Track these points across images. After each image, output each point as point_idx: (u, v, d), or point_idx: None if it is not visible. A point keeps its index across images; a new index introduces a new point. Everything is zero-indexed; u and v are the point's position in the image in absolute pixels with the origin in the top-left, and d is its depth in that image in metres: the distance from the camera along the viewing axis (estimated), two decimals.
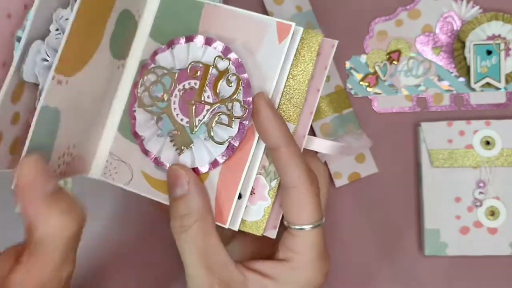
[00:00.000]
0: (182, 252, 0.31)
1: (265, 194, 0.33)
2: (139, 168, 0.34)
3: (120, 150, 0.34)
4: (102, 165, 0.35)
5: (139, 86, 0.33)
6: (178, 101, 0.32)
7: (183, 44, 0.33)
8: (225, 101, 0.31)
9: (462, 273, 0.45)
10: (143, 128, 0.33)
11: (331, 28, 0.46)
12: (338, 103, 0.45)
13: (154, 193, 0.33)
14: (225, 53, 0.32)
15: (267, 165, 0.33)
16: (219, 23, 0.32)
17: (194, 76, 0.32)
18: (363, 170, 0.45)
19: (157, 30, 0.34)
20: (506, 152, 0.43)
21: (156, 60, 0.33)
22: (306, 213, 0.31)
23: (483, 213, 0.43)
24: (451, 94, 0.45)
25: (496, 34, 0.44)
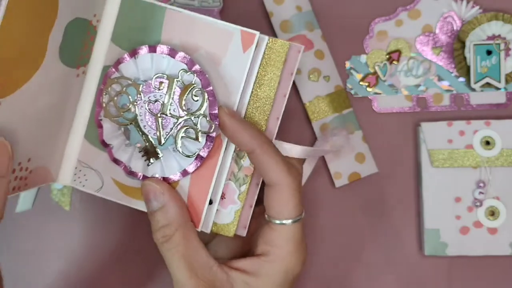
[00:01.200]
0: (167, 260, 0.32)
1: (235, 198, 0.34)
2: (109, 175, 0.34)
3: (88, 157, 0.34)
4: (71, 172, 0.34)
5: (104, 95, 0.33)
6: (144, 113, 0.33)
7: (147, 54, 0.32)
8: (191, 116, 0.32)
9: (462, 273, 0.45)
10: (110, 137, 0.34)
11: (331, 28, 0.46)
12: (338, 103, 0.45)
13: (127, 199, 0.34)
14: (190, 65, 0.32)
15: (236, 171, 0.34)
16: (183, 30, 0.32)
17: (159, 89, 0.32)
18: (363, 170, 0.45)
19: (119, 34, 0.33)
20: (506, 152, 0.43)
21: (119, 69, 0.33)
22: (288, 209, 0.32)
23: (483, 213, 0.43)
24: (451, 94, 0.45)
25: (496, 34, 0.44)
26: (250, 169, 0.34)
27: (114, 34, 0.33)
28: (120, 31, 0.33)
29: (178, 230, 0.32)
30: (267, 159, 0.32)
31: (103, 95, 0.33)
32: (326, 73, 0.45)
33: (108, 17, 0.33)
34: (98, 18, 0.33)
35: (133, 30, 0.33)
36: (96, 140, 0.34)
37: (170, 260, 0.32)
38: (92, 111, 0.34)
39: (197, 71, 0.32)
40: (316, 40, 0.45)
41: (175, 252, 0.32)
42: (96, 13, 0.33)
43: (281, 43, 0.33)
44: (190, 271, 0.32)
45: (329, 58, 0.45)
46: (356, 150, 0.44)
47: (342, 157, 0.44)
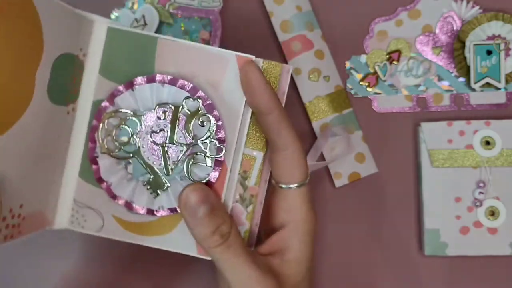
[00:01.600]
0: (229, 263, 0.31)
1: (243, 219, 0.34)
2: (109, 212, 0.33)
3: (85, 196, 0.33)
4: (68, 214, 0.33)
5: (99, 131, 0.32)
6: (147, 144, 0.32)
7: (145, 85, 0.32)
8: (199, 142, 0.32)
9: (462, 273, 0.45)
10: (108, 174, 0.33)
11: (331, 28, 0.46)
12: (338, 103, 0.45)
13: (130, 236, 0.33)
14: (192, 92, 0.32)
15: (242, 192, 0.34)
16: (177, 58, 0.32)
17: (163, 118, 0.32)
18: (363, 170, 0.45)
19: (108, 67, 0.32)
20: (506, 152, 0.43)
21: (115, 103, 0.32)
22: (300, 171, 0.33)
23: (483, 213, 0.43)
24: (451, 94, 0.45)
25: (496, 34, 0.44)
26: (255, 189, 0.34)
27: (103, 67, 0.32)
28: (109, 64, 0.32)
29: (232, 224, 0.31)
30: (284, 121, 0.31)
31: (98, 131, 0.32)
32: (326, 73, 0.45)
33: (94, 50, 0.32)
34: (85, 52, 0.32)
35: (124, 62, 0.32)
36: (92, 178, 0.33)
37: (233, 262, 0.31)
38: (85, 148, 0.33)
39: (202, 97, 0.32)
40: (316, 40, 0.45)
41: (237, 248, 0.31)
42: (82, 47, 0.32)
43: (274, 64, 0.33)
44: (253, 263, 0.31)
45: (329, 58, 0.45)
46: (356, 150, 0.44)
47: (343, 158, 0.44)
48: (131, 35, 0.32)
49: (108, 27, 0.32)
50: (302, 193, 0.33)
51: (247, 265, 0.31)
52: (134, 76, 0.32)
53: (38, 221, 0.31)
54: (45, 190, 0.31)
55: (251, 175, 0.34)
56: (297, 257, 0.33)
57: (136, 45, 0.32)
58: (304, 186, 0.33)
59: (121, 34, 0.32)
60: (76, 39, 0.31)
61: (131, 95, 0.32)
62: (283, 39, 0.45)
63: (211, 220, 0.30)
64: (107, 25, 0.32)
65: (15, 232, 0.29)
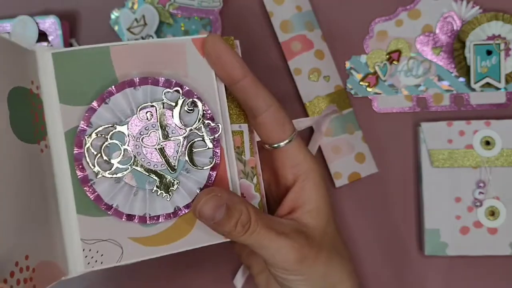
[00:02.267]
0: (259, 245, 0.31)
1: (253, 192, 0.34)
2: (125, 236, 0.31)
3: (93, 231, 0.31)
4: (80, 256, 0.30)
5: (87, 157, 0.30)
6: (142, 150, 0.31)
7: (117, 95, 0.31)
8: (194, 128, 0.32)
9: (462, 273, 0.45)
10: (112, 196, 0.31)
11: (331, 28, 0.46)
12: (338, 103, 0.45)
13: (152, 250, 0.32)
14: (167, 85, 0.31)
15: (243, 168, 0.34)
16: (136, 61, 0.31)
17: (148, 119, 0.31)
18: (363, 170, 0.45)
19: (67, 93, 0.30)
20: (506, 152, 0.43)
21: (92, 123, 0.30)
22: (288, 124, 0.33)
23: (483, 213, 0.43)
24: (451, 94, 0.45)
25: (496, 34, 0.44)
26: (253, 161, 0.34)
27: (62, 95, 0.30)
28: (67, 90, 0.30)
29: (249, 209, 0.31)
30: (258, 82, 0.32)
31: (85, 157, 0.30)
32: (326, 73, 0.45)
33: (47, 80, 0.30)
34: (37, 84, 0.30)
35: (82, 83, 0.30)
36: (93, 209, 0.31)
37: (261, 241, 0.31)
38: (73, 181, 0.30)
39: (179, 85, 0.31)
40: (316, 40, 0.45)
41: (260, 230, 0.31)
42: (33, 79, 0.29)
43: (226, 39, 0.33)
44: (280, 234, 0.31)
45: (329, 58, 0.45)
46: (356, 150, 0.44)
47: (343, 156, 0.44)
48: (79, 54, 0.30)
49: (52, 54, 0.30)
50: (299, 145, 0.34)
51: (274, 240, 0.31)
52: (97, 92, 0.30)
53: (51, 271, 0.29)
54: (47, 236, 0.29)
55: (245, 149, 0.34)
56: (317, 204, 0.33)
57: (88, 62, 0.30)
58: (296, 137, 0.34)
59: (69, 56, 0.30)
60: (24, 72, 0.29)
61: (106, 110, 0.31)
62: (283, 39, 0.45)
63: (229, 219, 0.31)
64: (50, 52, 0.30)
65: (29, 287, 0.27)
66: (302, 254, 0.32)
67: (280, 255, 0.32)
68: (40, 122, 0.30)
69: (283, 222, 0.33)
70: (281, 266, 0.32)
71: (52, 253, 0.29)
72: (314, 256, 0.32)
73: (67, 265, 0.30)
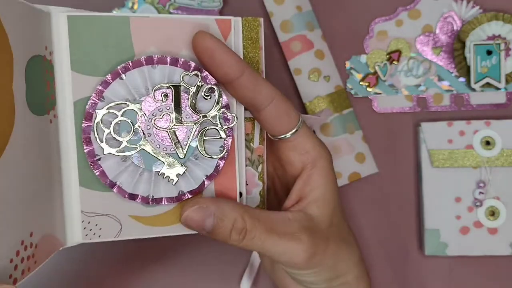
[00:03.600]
0: (259, 249, 0.31)
1: (256, 181, 0.34)
2: (125, 213, 0.31)
3: (93, 205, 0.30)
4: (79, 228, 0.30)
5: (95, 131, 0.29)
6: (153, 132, 0.30)
7: (133, 71, 0.29)
8: (209, 116, 0.31)
9: (462, 273, 0.45)
10: (117, 174, 0.30)
11: (331, 28, 0.46)
12: (338, 103, 0.45)
13: (151, 230, 0.31)
14: (185, 67, 0.30)
15: (250, 155, 0.33)
16: (156, 37, 0.30)
17: (163, 101, 0.30)
18: (363, 170, 0.45)
19: (80, 61, 0.29)
20: (506, 152, 0.43)
21: (105, 97, 0.29)
22: (294, 113, 0.32)
23: (483, 213, 0.43)
24: (451, 94, 0.45)
25: (496, 34, 0.44)
26: (261, 149, 0.34)
27: (74, 62, 0.29)
28: (80, 58, 0.29)
29: (245, 217, 0.30)
30: (257, 76, 0.31)
31: (94, 132, 0.29)
32: (326, 73, 0.45)
33: (60, 46, 0.28)
34: (50, 50, 0.28)
35: (96, 52, 0.29)
36: (96, 183, 0.30)
37: (263, 246, 0.31)
38: (79, 154, 0.30)
39: (197, 69, 0.30)
40: (316, 40, 0.45)
41: (260, 235, 0.31)
42: (46, 45, 0.28)
43: (252, 20, 0.32)
44: (284, 236, 0.31)
45: (329, 58, 0.45)
46: (356, 150, 0.44)
47: (343, 156, 0.44)
48: (97, 20, 0.29)
49: (68, 16, 0.28)
50: (306, 133, 0.33)
51: (277, 243, 0.31)
52: (112, 65, 0.29)
53: (51, 245, 0.29)
54: (49, 210, 0.29)
55: (254, 136, 0.33)
56: (323, 192, 0.33)
57: (105, 30, 0.29)
58: (302, 126, 0.33)
59: (85, 21, 0.28)
60: (40, 37, 0.27)
61: (120, 85, 0.29)
62: (283, 39, 0.45)
63: (220, 229, 0.30)
64: (65, 14, 0.28)
65: (31, 264, 0.27)
66: (310, 253, 0.31)
67: (286, 257, 0.31)
68: (51, 91, 0.28)
69: (289, 219, 0.32)
70: (289, 266, 0.32)
71: (52, 226, 0.29)
72: (323, 251, 0.32)
73: (65, 235, 0.30)
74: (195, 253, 0.46)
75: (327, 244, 0.32)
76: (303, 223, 0.32)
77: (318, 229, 0.32)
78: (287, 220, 0.32)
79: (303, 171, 0.33)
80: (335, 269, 0.33)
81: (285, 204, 0.33)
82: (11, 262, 0.25)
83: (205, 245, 0.46)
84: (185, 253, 0.46)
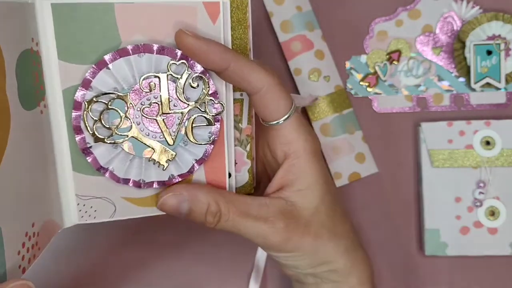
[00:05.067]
0: (235, 231, 0.33)
1: (245, 159, 0.35)
2: (118, 195, 0.32)
3: (87, 188, 0.31)
4: (74, 210, 0.31)
5: (85, 120, 0.29)
6: (142, 120, 0.30)
7: (119, 60, 0.29)
8: (197, 104, 0.31)
9: (462, 273, 0.45)
10: (108, 160, 0.31)
11: (331, 28, 0.46)
12: (338, 103, 0.45)
13: (144, 210, 0.33)
14: (172, 55, 0.30)
15: (238, 135, 0.34)
16: (142, 22, 0.29)
17: (151, 90, 0.30)
18: (363, 170, 0.45)
19: (66, 50, 0.29)
20: (506, 152, 0.43)
21: (92, 87, 0.29)
22: (284, 102, 0.32)
23: (483, 213, 0.43)
24: (451, 94, 0.45)
25: (496, 34, 0.44)
26: (249, 129, 0.34)
27: (60, 51, 0.29)
28: (66, 46, 0.29)
29: (219, 201, 0.32)
30: (246, 66, 0.31)
31: (84, 121, 0.30)
32: (326, 73, 0.45)
33: (46, 36, 0.28)
34: (37, 40, 0.28)
35: (83, 40, 0.29)
36: (88, 169, 0.31)
37: (238, 228, 0.32)
38: (71, 141, 0.30)
39: (184, 58, 0.30)
40: (316, 40, 0.45)
41: (233, 218, 0.32)
42: (33, 36, 0.28)
43: (240, 0, 0.32)
44: (258, 220, 0.32)
45: (329, 58, 0.45)
46: (356, 150, 0.44)
47: (343, 156, 0.44)
48: (81, 7, 0.28)
49: (52, 4, 0.28)
50: (295, 121, 0.33)
51: (251, 225, 0.32)
52: (99, 53, 0.29)
53: (50, 229, 0.30)
54: (47, 197, 0.30)
55: (242, 117, 0.34)
56: (308, 184, 0.33)
57: (90, 17, 0.29)
58: (293, 115, 0.33)
59: (70, 9, 0.28)
60: (26, 31, 0.27)
61: (108, 75, 0.29)
62: (283, 39, 0.45)
63: (195, 213, 0.32)
64: (49, 2, 0.28)
65: (35, 251, 0.28)
66: (285, 236, 0.32)
67: (260, 239, 0.33)
68: (40, 82, 0.28)
69: (266, 203, 0.33)
70: (265, 248, 0.34)
71: (50, 211, 0.30)
72: (300, 237, 0.33)
73: (62, 219, 0.31)
74: (205, 250, 0.46)
75: (307, 230, 0.33)
76: (280, 209, 0.33)
77: (299, 216, 0.33)
78: (264, 204, 0.33)
79: (285, 161, 0.34)
80: (317, 256, 0.34)
81: (266, 190, 0.34)
82: (19, 254, 0.26)
83: (214, 244, 0.46)
84: (192, 252, 0.46)
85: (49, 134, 0.30)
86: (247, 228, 0.32)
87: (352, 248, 0.35)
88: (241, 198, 0.33)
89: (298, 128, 0.33)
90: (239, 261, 0.46)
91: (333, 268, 0.35)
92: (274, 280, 0.46)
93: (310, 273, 0.35)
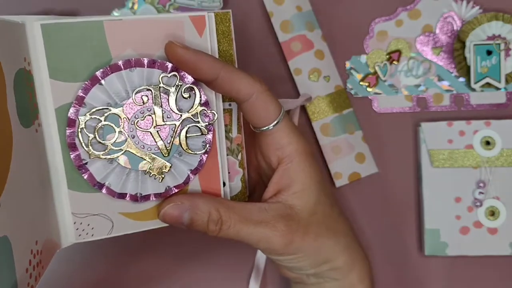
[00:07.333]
0: (237, 238, 0.33)
1: (237, 168, 0.35)
2: (115, 211, 0.32)
3: (83, 206, 0.31)
4: (71, 229, 0.31)
5: (80, 137, 0.30)
6: (136, 133, 0.31)
7: (111, 75, 0.30)
8: (189, 114, 0.32)
9: (462, 273, 0.45)
10: (104, 176, 0.31)
11: (331, 28, 0.46)
12: (338, 103, 0.45)
13: (142, 225, 0.33)
14: (163, 68, 0.31)
15: (229, 145, 0.35)
16: (131, 38, 0.30)
17: (144, 104, 0.31)
18: (363, 170, 0.45)
19: (57, 68, 0.29)
20: (506, 152, 0.43)
21: (86, 103, 0.30)
22: (273, 108, 0.33)
23: (483, 213, 0.43)
24: (451, 94, 0.45)
25: (496, 34, 0.44)
26: (239, 138, 0.35)
27: (52, 70, 0.29)
28: (57, 65, 0.29)
29: (220, 209, 0.32)
30: (235, 75, 0.32)
31: (79, 137, 0.30)
32: (326, 73, 0.45)
33: (37, 55, 0.29)
34: (28, 60, 0.28)
35: (74, 58, 0.29)
36: (84, 186, 0.31)
37: (239, 235, 0.32)
38: (65, 158, 0.30)
39: (175, 70, 0.31)
40: (316, 40, 0.45)
41: (235, 225, 0.32)
42: (25, 56, 0.28)
43: (222, 14, 0.33)
44: (259, 224, 0.32)
45: (329, 58, 0.45)
46: (356, 150, 0.45)
47: (343, 156, 0.44)
48: (71, 27, 0.29)
49: (41, 25, 0.28)
50: (285, 126, 0.34)
51: (253, 231, 0.32)
52: (90, 70, 0.30)
53: (51, 248, 0.30)
54: (46, 216, 0.30)
55: (232, 127, 0.35)
56: (303, 186, 0.34)
57: (80, 36, 0.29)
58: (283, 119, 0.34)
59: (59, 28, 0.29)
60: (19, 50, 0.28)
61: (100, 90, 0.30)
62: (283, 39, 0.45)
63: (197, 222, 0.32)
64: (39, 22, 0.28)
65: (40, 270, 0.28)
66: (287, 239, 0.33)
67: (263, 244, 0.33)
68: (33, 101, 0.29)
69: (265, 208, 0.33)
70: (268, 252, 0.34)
71: (49, 230, 0.30)
72: (301, 238, 0.33)
73: (60, 237, 0.31)
74: (205, 251, 0.46)
75: (307, 231, 0.34)
76: (279, 212, 0.33)
77: (298, 218, 0.34)
78: (263, 209, 0.33)
79: (279, 165, 0.34)
80: (318, 255, 0.34)
81: (264, 195, 0.35)
82: (27, 271, 0.26)
83: (214, 247, 0.46)
84: (192, 252, 0.46)
85: (44, 153, 0.30)
86: (249, 234, 0.32)
87: (351, 245, 0.36)
88: (240, 204, 0.33)
89: (289, 132, 0.34)
90: (239, 261, 0.46)
91: (335, 266, 0.35)
92: (274, 280, 0.46)
93: (312, 273, 0.35)
